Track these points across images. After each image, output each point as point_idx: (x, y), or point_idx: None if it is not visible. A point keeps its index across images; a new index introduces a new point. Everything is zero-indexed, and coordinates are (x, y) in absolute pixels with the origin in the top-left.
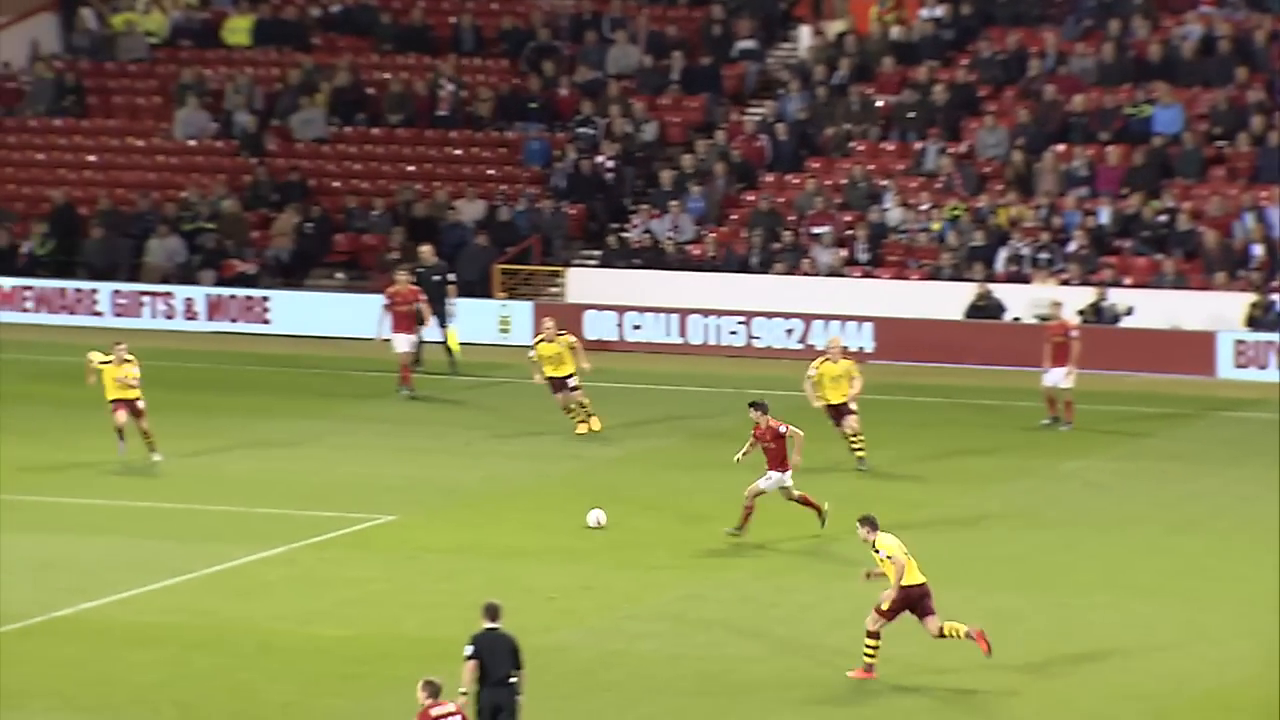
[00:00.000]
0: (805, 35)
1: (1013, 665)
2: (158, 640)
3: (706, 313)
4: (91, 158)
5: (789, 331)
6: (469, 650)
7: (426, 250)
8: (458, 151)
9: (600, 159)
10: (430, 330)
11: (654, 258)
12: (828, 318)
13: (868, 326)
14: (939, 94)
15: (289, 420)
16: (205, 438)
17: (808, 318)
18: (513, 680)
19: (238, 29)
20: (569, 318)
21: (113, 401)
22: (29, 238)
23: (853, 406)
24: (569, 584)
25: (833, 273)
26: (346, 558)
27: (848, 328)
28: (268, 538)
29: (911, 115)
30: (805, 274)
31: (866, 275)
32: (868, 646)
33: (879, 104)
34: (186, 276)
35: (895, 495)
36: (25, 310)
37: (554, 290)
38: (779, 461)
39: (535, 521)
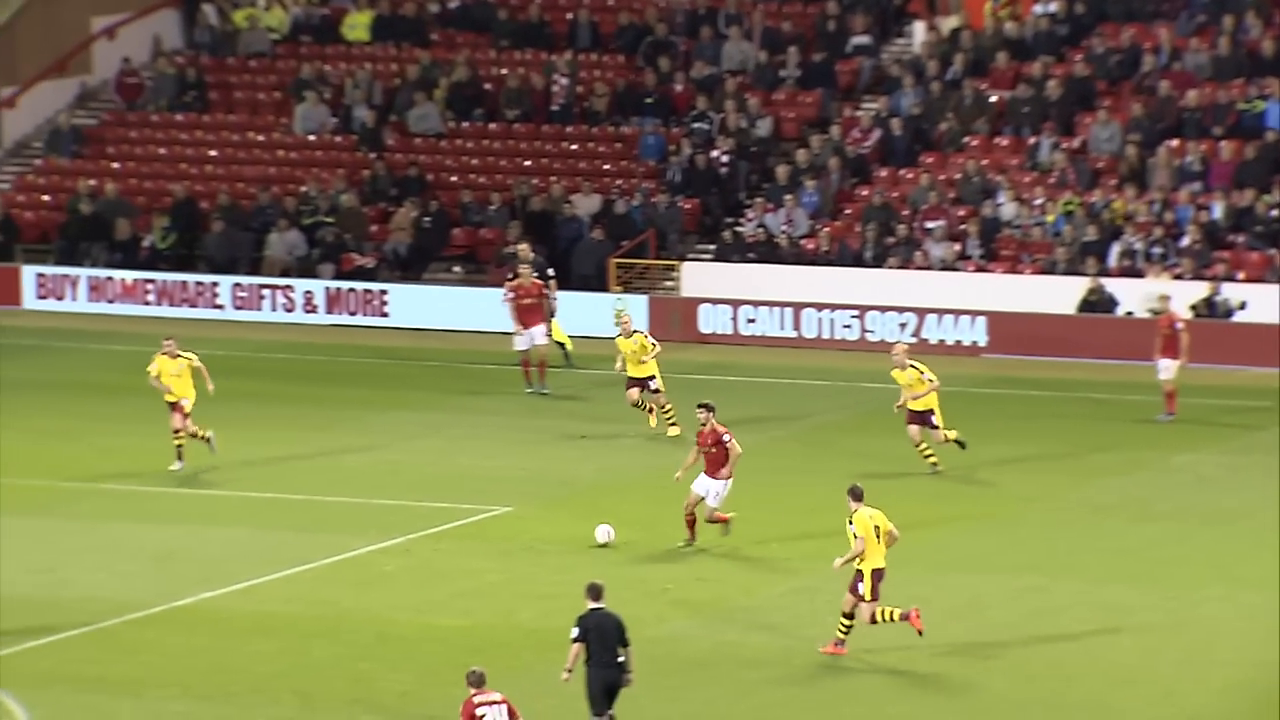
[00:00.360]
0: (919, 31)
1: (1124, 658)
2: (277, 630)
3: (820, 306)
4: (212, 152)
5: (902, 325)
6: (575, 633)
7: (524, 248)
8: (574, 146)
9: (715, 154)
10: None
11: (768, 252)
12: (940, 312)
13: (980, 320)
14: (1053, 89)
15: (406, 412)
16: (324, 429)
17: (921, 311)
18: (621, 659)
19: (357, 25)
20: (683, 312)
21: (169, 405)
22: (151, 231)
23: (934, 420)
24: (682, 575)
25: (946, 267)
26: (463, 549)
27: (960, 322)
28: (385, 529)
29: (1025, 110)
30: (918, 268)
31: (979, 269)
32: (890, 614)
33: (993, 99)
34: (306, 270)
35: (1008, 488)
36: (147, 303)
37: (669, 284)
38: (717, 467)
39: (648, 513)
